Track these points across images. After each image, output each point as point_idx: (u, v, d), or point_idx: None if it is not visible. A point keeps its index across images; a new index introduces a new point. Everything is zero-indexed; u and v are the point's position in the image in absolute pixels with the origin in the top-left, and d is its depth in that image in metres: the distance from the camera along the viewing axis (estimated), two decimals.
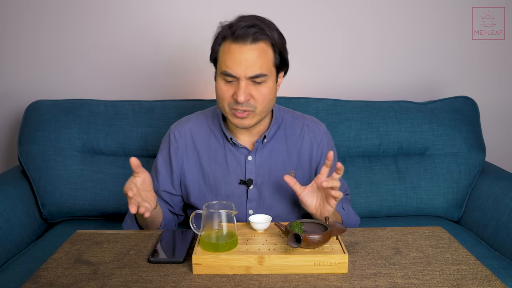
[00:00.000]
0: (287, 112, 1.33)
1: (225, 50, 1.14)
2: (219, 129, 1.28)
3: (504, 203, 1.57)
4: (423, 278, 0.90)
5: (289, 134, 1.29)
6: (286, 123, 1.30)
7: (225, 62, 1.13)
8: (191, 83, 1.99)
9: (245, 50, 1.11)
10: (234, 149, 1.26)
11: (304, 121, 1.31)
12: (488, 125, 1.99)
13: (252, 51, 1.11)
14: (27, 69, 1.97)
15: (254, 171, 1.26)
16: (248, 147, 1.26)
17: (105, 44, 1.95)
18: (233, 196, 1.26)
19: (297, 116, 1.33)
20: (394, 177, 1.74)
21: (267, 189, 1.26)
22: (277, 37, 1.16)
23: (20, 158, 1.72)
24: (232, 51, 1.12)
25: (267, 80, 1.14)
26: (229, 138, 1.25)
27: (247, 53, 1.11)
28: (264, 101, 1.15)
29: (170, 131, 1.30)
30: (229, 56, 1.12)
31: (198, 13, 1.92)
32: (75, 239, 1.09)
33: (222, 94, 1.15)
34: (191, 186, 1.28)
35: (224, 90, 1.15)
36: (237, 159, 1.26)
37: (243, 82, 1.12)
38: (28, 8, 1.91)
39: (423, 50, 1.99)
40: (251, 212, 1.27)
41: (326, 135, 1.32)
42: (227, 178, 1.26)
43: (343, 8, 1.94)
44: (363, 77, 2.00)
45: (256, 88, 1.14)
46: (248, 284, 0.89)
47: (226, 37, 1.14)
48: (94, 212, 1.71)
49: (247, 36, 1.11)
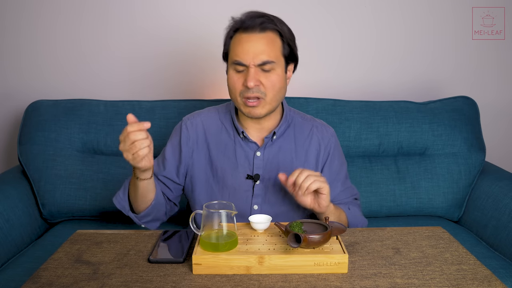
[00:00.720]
0: (298, 113, 1.36)
1: (235, 41, 1.19)
2: (230, 124, 1.30)
3: (504, 203, 1.57)
4: (423, 278, 0.90)
5: (298, 134, 1.31)
6: (296, 123, 1.33)
7: (235, 51, 1.17)
8: (191, 83, 2.00)
9: (253, 39, 1.16)
10: (244, 144, 1.28)
11: (313, 123, 1.34)
12: (488, 125, 1.99)
13: (261, 39, 1.16)
14: (27, 69, 1.97)
15: (262, 167, 1.27)
16: (257, 143, 1.28)
17: (105, 45, 1.95)
18: (239, 190, 1.27)
19: (307, 118, 1.36)
20: (394, 177, 1.74)
21: (273, 186, 1.27)
22: (287, 30, 1.21)
23: (20, 158, 1.72)
24: (241, 40, 1.17)
25: (275, 68, 1.18)
26: (240, 131, 1.27)
27: (256, 41, 1.16)
28: (274, 89, 1.19)
29: (183, 122, 1.33)
30: (239, 45, 1.17)
31: (199, 13, 1.92)
32: (75, 239, 1.09)
33: (233, 84, 1.19)
34: (198, 177, 1.29)
35: (235, 80, 1.19)
36: (246, 153, 1.27)
37: (252, 69, 1.16)
38: (28, 8, 1.91)
39: (423, 50, 1.99)
40: (256, 207, 1.27)
41: (334, 138, 1.34)
42: (234, 171, 1.27)
43: (343, 8, 1.94)
44: (363, 77, 2.00)
45: (265, 75, 1.17)
46: (248, 284, 0.89)
47: (236, 29, 1.19)
48: (94, 212, 1.71)
49: (255, 25, 1.16)
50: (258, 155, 1.27)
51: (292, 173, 1.11)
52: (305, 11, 1.93)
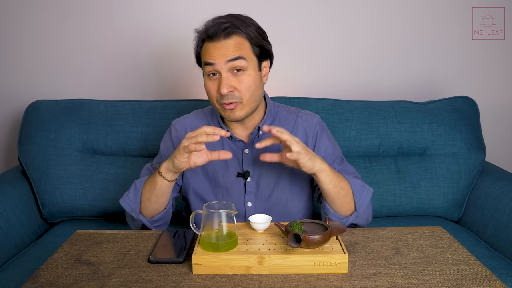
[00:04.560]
0: (282, 107, 1.36)
1: (204, 51, 1.19)
2: (217, 125, 1.31)
3: (504, 203, 1.57)
4: (423, 278, 0.90)
5: (284, 126, 1.30)
6: (281, 117, 1.33)
7: (205, 58, 1.18)
8: (191, 83, 2.00)
9: (219, 45, 1.16)
10: (231, 143, 1.29)
11: (298, 113, 1.34)
12: (488, 125, 1.99)
13: (228, 44, 1.16)
14: (28, 69, 1.97)
15: (251, 164, 1.28)
16: (244, 140, 1.28)
17: (105, 44, 1.95)
18: (231, 189, 1.28)
19: (291, 110, 1.35)
20: (394, 177, 1.74)
21: (264, 181, 1.28)
22: (253, 31, 1.19)
23: (20, 158, 1.72)
24: (209, 48, 1.17)
25: (247, 68, 1.17)
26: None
27: (222, 46, 1.15)
28: (249, 91, 1.18)
29: (172, 125, 1.35)
30: (207, 52, 1.17)
31: (200, 13, 1.91)
32: (75, 239, 1.09)
33: (209, 91, 1.20)
34: (192, 178, 1.30)
35: (210, 86, 1.19)
36: (234, 152, 1.28)
37: (224, 74, 1.16)
38: (29, 9, 1.91)
39: (423, 50, 1.99)
40: (249, 204, 1.27)
41: (320, 124, 1.33)
42: (225, 171, 1.28)
43: (343, 8, 1.94)
44: (363, 77, 2.00)
45: (237, 79, 1.17)
46: (248, 284, 0.89)
47: (203, 39, 1.19)
48: (94, 212, 1.71)
49: (219, 32, 1.15)
50: (246, 152, 1.28)
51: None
52: (305, 11, 1.93)
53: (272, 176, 1.28)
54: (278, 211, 1.27)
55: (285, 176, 1.29)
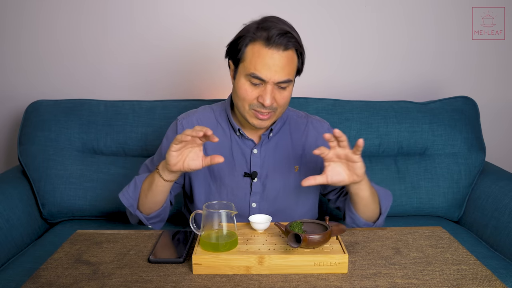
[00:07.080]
0: (292, 110, 1.36)
1: (255, 52, 1.13)
2: (226, 122, 1.29)
3: (504, 203, 1.57)
4: (423, 278, 0.90)
5: (294, 130, 1.32)
6: (291, 120, 1.33)
7: (255, 65, 1.13)
8: (191, 83, 2.00)
9: (276, 57, 1.12)
10: (241, 142, 1.27)
11: (308, 119, 1.35)
12: (488, 125, 1.99)
13: (283, 58, 1.13)
14: (27, 69, 1.97)
15: (259, 164, 1.27)
16: (254, 140, 1.27)
17: (105, 45, 1.95)
18: (237, 188, 1.27)
19: (301, 114, 1.36)
20: (394, 177, 1.74)
21: (271, 183, 1.27)
22: (301, 43, 1.18)
23: (20, 158, 1.72)
24: (264, 56, 1.12)
25: (290, 85, 1.17)
26: (236, 129, 1.26)
27: (279, 59, 1.12)
28: (285, 104, 1.20)
29: (178, 120, 1.32)
30: (260, 60, 1.12)
31: (201, 13, 1.92)
32: (75, 239, 1.09)
33: (245, 95, 1.16)
34: (196, 176, 1.29)
35: (248, 91, 1.16)
36: (243, 151, 1.27)
37: (269, 86, 1.14)
38: (28, 9, 1.91)
39: (423, 50, 1.99)
40: (254, 205, 1.27)
41: (330, 131, 1.33)
42: (232, 170, 1.27)
43: (343, 8, 1.94)
44: (363, 77, 2.00)
45: (279, 92, 1.16)
46: (248, 284, 0.89)
47: (256, 39, 1.13)
48: (94, 212, 1.71)
49: (281, 44, 1.12)
50: (255, 152, 1.27)
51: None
52: (305, 11, 1.93)
53: (279, 178, 1.28)
54: (282, 213, 1.27)
55: (292, 180, 1.28)
